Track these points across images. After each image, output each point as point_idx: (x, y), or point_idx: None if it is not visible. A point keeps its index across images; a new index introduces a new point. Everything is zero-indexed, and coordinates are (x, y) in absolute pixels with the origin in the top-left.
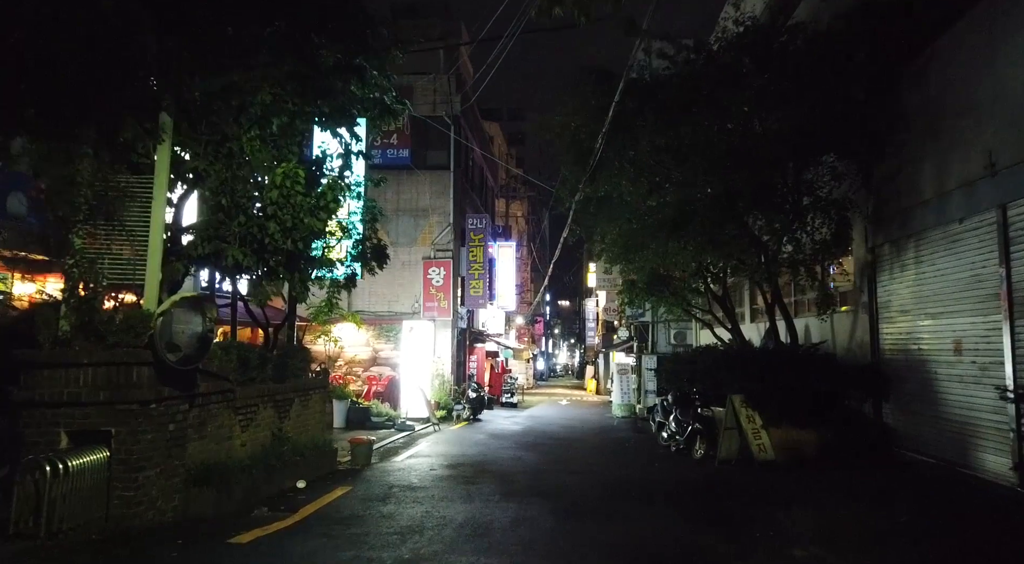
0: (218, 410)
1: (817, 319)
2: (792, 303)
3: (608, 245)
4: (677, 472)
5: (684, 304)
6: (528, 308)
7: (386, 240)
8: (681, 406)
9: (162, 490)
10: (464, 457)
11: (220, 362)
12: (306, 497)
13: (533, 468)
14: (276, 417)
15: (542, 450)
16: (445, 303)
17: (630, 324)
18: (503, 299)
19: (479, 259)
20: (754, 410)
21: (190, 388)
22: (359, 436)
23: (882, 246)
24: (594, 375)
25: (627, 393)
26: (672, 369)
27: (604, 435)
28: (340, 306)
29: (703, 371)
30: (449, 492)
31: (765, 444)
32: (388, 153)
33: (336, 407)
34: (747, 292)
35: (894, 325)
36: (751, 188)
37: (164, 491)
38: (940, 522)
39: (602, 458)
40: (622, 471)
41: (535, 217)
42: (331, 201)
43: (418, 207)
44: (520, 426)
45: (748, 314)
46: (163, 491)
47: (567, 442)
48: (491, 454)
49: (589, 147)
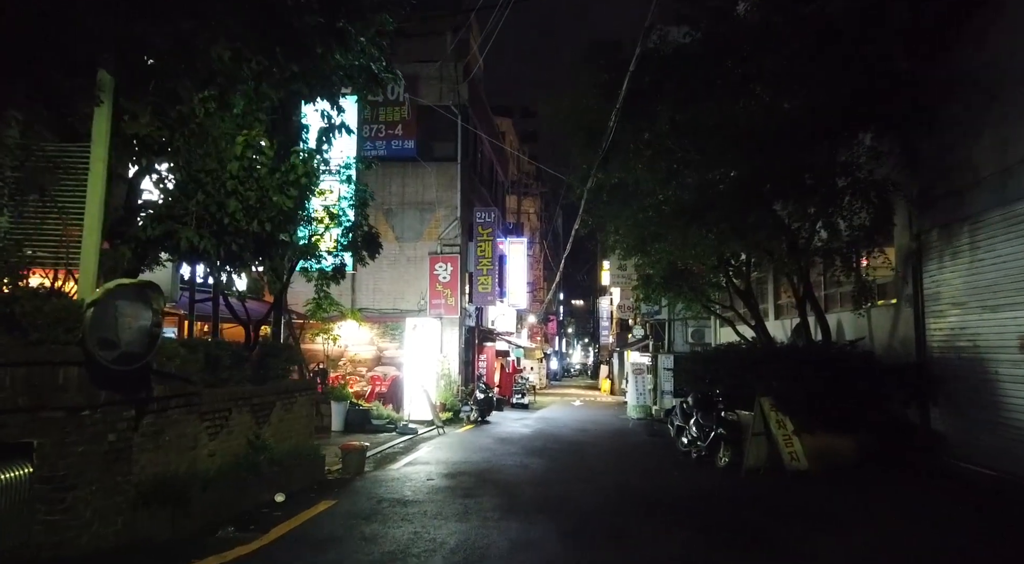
0: (179, 416)
1: (852, 314)
2: (822, 297)
3: (622, 236)
4: (700, 483)
5: (703, 300)
6: (540, 306)
7: (391, 235)
8: (702, 409)
9: (100, 511)
10: (466, 464)
11: (182, 362)
12: (282, 514)
13: (540, 477)
14: (253, 423)
15: (551, 456)
16: (452, 300)
17: (645, 322)
18: (514, 296)
19: (488, 254)
20: (784, 414)
21: (138, 392)
22: (352, 442)
23: (929, 231)
24: (608, 375)
25: (643, 394)
26: (691, 369)
27: (618, 439)
28: (339, 302)
29: (726, 371)
30: (444, 507)
31: (797, 452)
32: (393, 144)
33: (334, 409)
34: (771, 287)
35: (944, 319)
36: (780, 170)
37: (103, 512)
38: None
39: (616, 466)
40: (638, 482)
41: (547, 214)
42: (302, 176)
43: (424, 200)
44: (530, 429)
45: (772, 311)
46: (101, 512)
47: (578, 447)
48: (496, 461)
49: (601, 128)
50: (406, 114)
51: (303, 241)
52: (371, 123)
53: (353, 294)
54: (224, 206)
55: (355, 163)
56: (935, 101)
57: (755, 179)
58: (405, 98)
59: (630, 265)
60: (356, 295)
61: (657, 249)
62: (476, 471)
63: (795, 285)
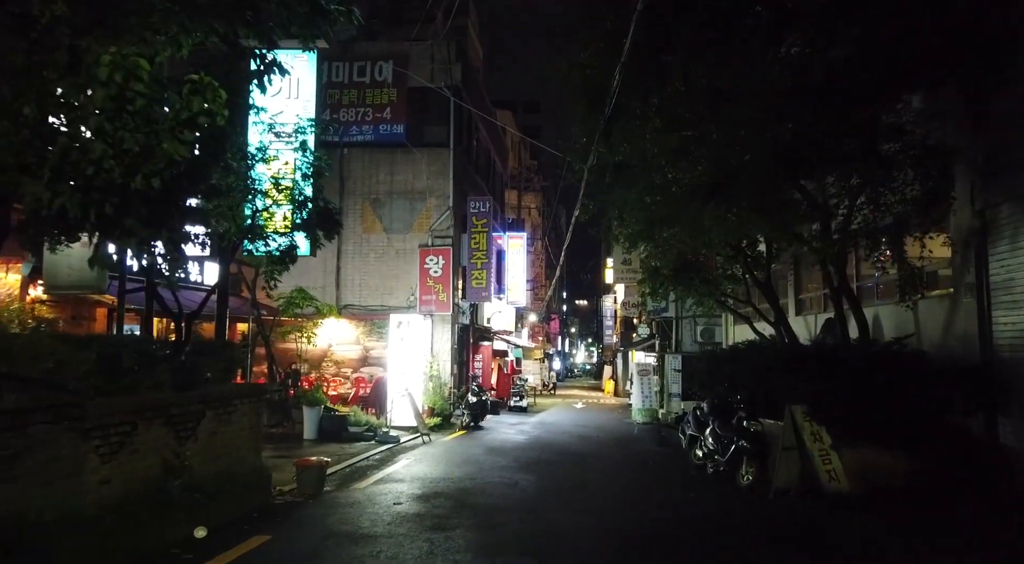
0: (49, 435)
1: (893, 307)
2: (854, 290)
3: (627, 222)
4: (721, 508)
5: (717, 294)
6: (542, 305)
7: (378, 226)
8: (720, 417)
9: None
10: (446, 482)
11: (58, 363)
12: (194, 557)
13: (531, 501)
14: (172, 439)
15: (546, 471)
16: (444, 296)
17: (651, 320)
18: (513, 294)
19: (482, 247)
20: (820, 424)
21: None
22: (309, 457)
23: (999, 206)
24: (612, 375)
25: (648, 396)
26: (706, 370)
27: (623, 448)
28: (315, 297)
29: (747, 373)
30: (404, 546)
31: (836, 470)
32: (381, 129)
33: (307, 416)
34: (792, 280)
35: (1017, 312)
36: (818, 134)
37: None
38: None
39: (620, 484)
40: (647, 506)
41: (549, 210)
42: (199, 113)
43: (414, 189)
44: (526, 436)
45: (792, 306)
46: None
47: (578, 459)
48: (481, 477)
49: (604, 88)
50: (394, 96)
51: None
52: (357, 106)
53: (338, 290)
54: (89, 151)
55: (310, 126)
56: (1010, 47)
57: (786, 146)
58: (390, 75)
59: (635, 258)
60: (341, 291)
61: (667, 236)
62: (455, 491)
63: (829, 273)
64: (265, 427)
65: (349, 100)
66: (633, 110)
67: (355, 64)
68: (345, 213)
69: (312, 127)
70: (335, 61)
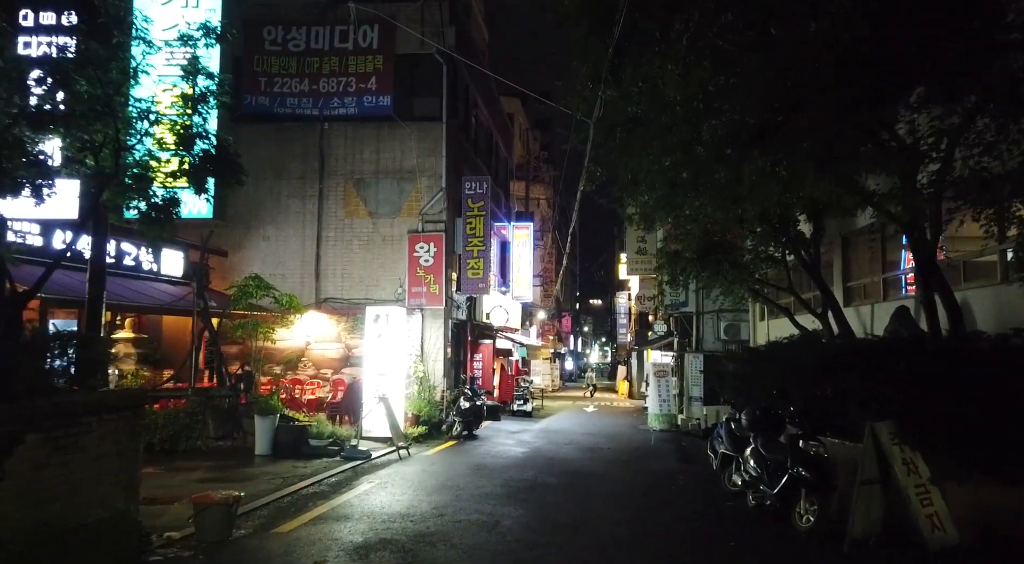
0: None
1: (990, 290)
2: None
3: (645, 188)
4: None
5: (750, 281)
6: (550, 301)
7: (362, 210)
8: (763, 432)
9: None
10: (404, 521)
11: None
12: None
13: (510, 554)
14: None
15: (540, 501)
16: (436, 288)
17: (669, 316)
18: (519, 288)
19: (479, 232)
20: (915, 450)
21: None
22: (211, 492)
23: None
24: (626, 376)
25: (666, 401)
26: (738, 372)
27: (639, 465)
28: (269, 285)
29: (797, 377)
30: None
31: (940, 514)
32: (365, 101)
33: (259, 427)
34: (836, 265)
35: None
36: (915, 47)
37: None
38: None
39: (634, 521)
40: (671, 562)
41: (558, 198)
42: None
43: (403, 168)
44: (524, 448)
45: (841, 295)
46: None
47: (582, 482)
48: (453, 512)
49: (611, 1)
50: (380, 64)
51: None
52: (339, 75)
53: (317, 281)
54: None
55: (204, 37)
56: None
57: (863, 64)
58: (375, 40)
59: (652, 242)
60: (321, 282)
61: (694, 203)
62: (410, 538)
63: (916, 241)
64: (211, 440)
65: (330, 69)
66: (651, 35)
67: (336, 28)
68: (325, 195)
69: (208, 39)
70: (314, 25)
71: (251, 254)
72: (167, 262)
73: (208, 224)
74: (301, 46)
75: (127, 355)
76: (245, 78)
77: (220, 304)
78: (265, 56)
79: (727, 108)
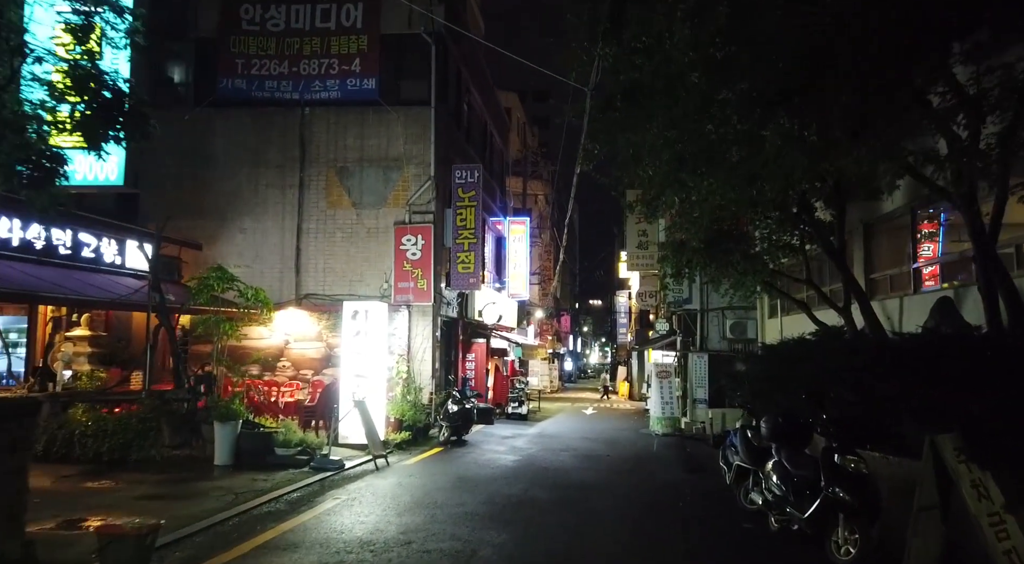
0: None
1: None
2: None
3: (649, 162)
4: None
5: (764, 273)
6: (547, 299)
7: (346, 200)
8: (787, 443)
9: None
10: (365, 549)
11: None
12: None
13: None
14: None
15: (528, 521)
16: (424, 283)
17: (671, 314)
18: (515, 285)
19: (470, 224)
20: (985, 469)
21: None
22: (121, 523)
23: None
24: (627, 377)
25: (669, 403)
26: (756, 373)
27: (641, 475)
28: (233, 276)
29: (839, 380)
30: None
31: (1020, 550)
32: (349, 84)
33: (219, 434)
34: (858, 256)
35: None
36: None
37: None
38: None
39: (640, 551)
40: None
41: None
42: None
43: (389, 156)
44: (516, 455)
45: (864, 288)
46: None
47: (578, 497)
48: (423, 539)
49: None
50: (365, 45)
51: None
52: (320, 57)
53: (297, 275)
54: None
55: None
56: None
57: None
58: (359, 19)
59: (653, 232)
60: (301, 276)
61: (705, 179)
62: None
63: (973, 217)
64: (167, 448)
65: (311, 50)
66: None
67: (318, 6)
68: (306, 185)
69: None
70: (294, 3)
71: (227, 247)
72: (132, 255)
73: (117, 191)
74: (280, 25)
75: (80, 354)
76: (221, 59)
77: (183, 299)
78: (242, 36)
79: (745, 64)
